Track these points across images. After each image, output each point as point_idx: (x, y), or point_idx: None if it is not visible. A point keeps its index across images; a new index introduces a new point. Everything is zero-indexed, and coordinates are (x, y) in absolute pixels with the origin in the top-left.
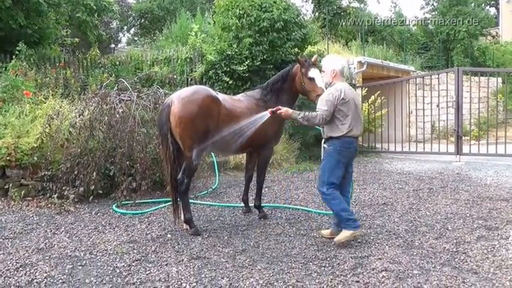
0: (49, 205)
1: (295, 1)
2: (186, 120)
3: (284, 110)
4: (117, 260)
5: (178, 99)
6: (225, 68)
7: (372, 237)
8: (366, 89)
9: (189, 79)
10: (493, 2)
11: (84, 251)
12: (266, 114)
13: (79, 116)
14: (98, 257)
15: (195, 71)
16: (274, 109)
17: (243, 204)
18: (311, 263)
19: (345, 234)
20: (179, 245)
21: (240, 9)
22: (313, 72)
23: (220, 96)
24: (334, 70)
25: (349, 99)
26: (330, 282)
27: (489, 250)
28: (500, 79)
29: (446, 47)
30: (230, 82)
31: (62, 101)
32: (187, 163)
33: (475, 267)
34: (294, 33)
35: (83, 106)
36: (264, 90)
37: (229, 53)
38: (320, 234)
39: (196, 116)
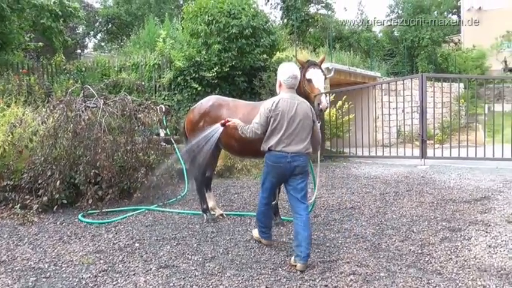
0: (12, 216)
1: (264, 8)
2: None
3: (232, 122)
4: (83, 270)
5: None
6: (193, 75)
7: (340, 241)
8: (334, 94)
9: (158, 85)
10: (455, 10)
11: (48, 263)
12: (219, 127)
13: (43, 123)
14: (63, 269)
15: (164, 78)
16: (224, 121)
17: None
18: (280, 269)
19: (255, 233)
20: (147, 254)
21: (208, 16)
22: (310, 73)
23: (227, 102)
24: (278, 80)
25: (280, 111)
26: (299, 287)
27: (452, 251)
28: (462, 85)
29: (411, 53)
30: (199, 88)
31: (25, 109)
32: None
33: (439, 268)
34: (262, 40)
35: (47, 113)
36: None
37: (198, 59)
38: None
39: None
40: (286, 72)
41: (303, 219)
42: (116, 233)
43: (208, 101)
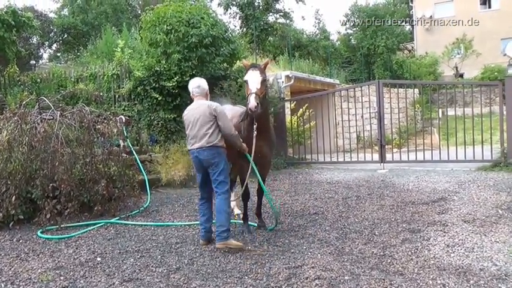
0: None
1: (223, 17)
2: None
3: None
4: None
5: None
6: (153, 84)
7: (304, 247)
8: (295, 102)
9: (117, 96)
10: (408, 18)
11: (5, 282)
12: None
13: None
14: (21, 287)
15: (123, 88)
16: None
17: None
18: (246, 277)
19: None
20: (110, 268)
21: (167, 25)
22: (247, 75)
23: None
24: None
25: (186, 117)
26: None
27: (413, 252)
28: (417, 90)
29: (368, 61)
30: (159, 98)
31: None
32: None
33: (401, 268)
34: (222, 49)
35: (0, 127)
36: None
37: (158, 69)
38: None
39: None
40: (191, 84)
41: (216, 205)
42: (77, 248)
43: None
